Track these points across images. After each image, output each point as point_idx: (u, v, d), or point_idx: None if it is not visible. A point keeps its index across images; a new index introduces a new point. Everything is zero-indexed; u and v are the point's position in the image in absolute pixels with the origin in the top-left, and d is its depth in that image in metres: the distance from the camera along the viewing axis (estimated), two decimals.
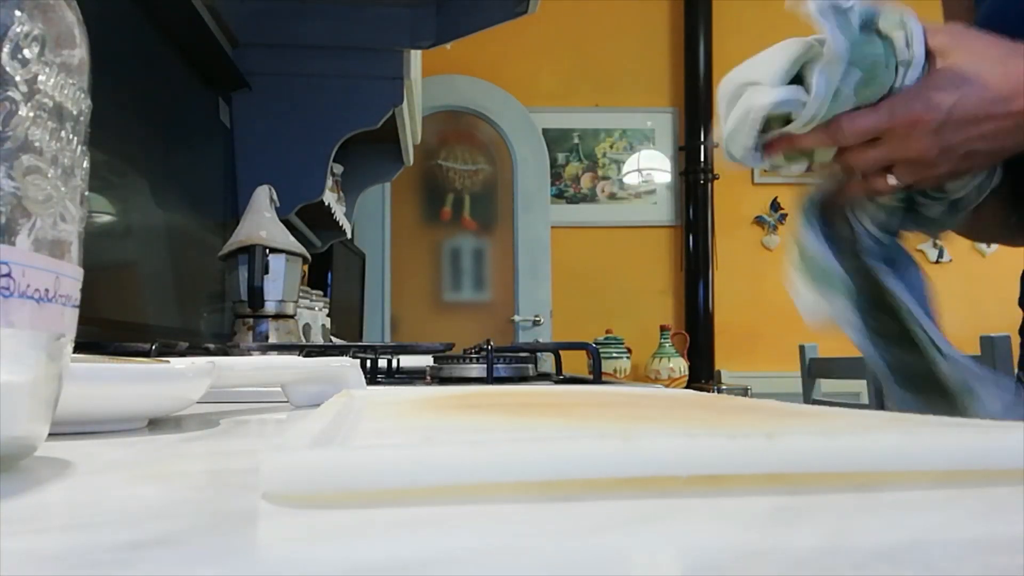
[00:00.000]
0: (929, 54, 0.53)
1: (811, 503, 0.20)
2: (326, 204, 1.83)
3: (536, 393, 0.52)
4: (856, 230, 0.59)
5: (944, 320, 0.57)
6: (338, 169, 2.08)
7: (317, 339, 1.69)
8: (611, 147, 3.80)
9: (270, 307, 1.27)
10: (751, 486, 0.21)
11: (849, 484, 0.21)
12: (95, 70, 0.28)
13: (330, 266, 2.32)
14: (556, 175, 3.75)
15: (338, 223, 2.10)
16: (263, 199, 1.31)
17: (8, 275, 0.23)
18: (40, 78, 0.24)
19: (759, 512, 0.19)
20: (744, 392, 3.20)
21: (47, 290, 0.24)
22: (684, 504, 0.19)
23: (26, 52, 0.24)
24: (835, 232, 0.59)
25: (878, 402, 1.89)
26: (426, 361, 1.07)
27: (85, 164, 0.27)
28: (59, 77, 0.25)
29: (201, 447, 0.35)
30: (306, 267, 1.73)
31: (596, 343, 2.33)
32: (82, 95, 0.27)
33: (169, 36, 1.33)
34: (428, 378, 1.00)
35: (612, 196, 3.78)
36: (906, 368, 0.57)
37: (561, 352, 1.19)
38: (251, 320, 1.27)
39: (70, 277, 0.26)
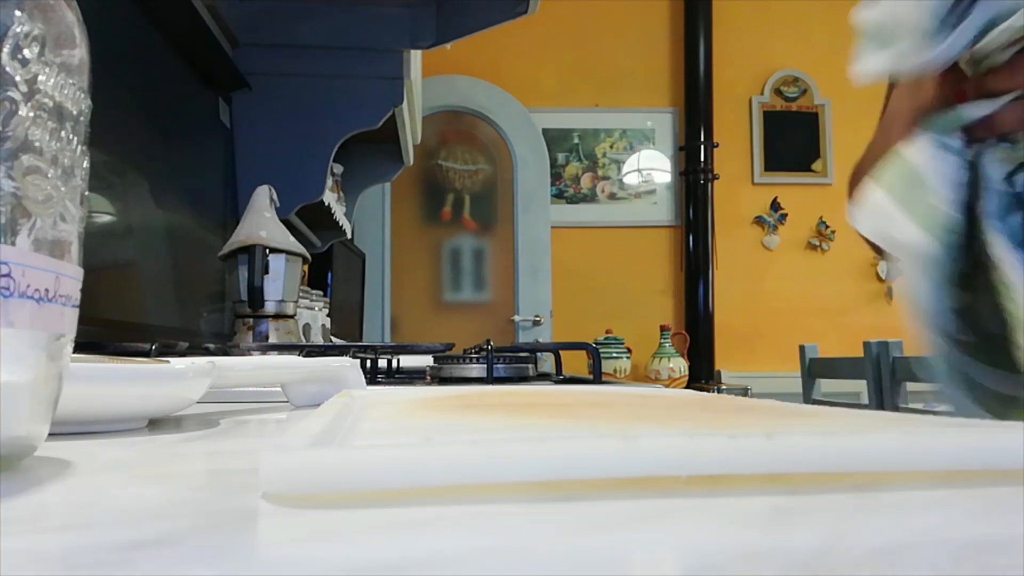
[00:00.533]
0: None
1: (811, 503, 0.20)
2: (326, 204, 1.83)
3: (536, 393, 0.52)
4: (985, 175, 0.47)
5: None
6: (338, 169, 2.08)
7: (317, 339, 1.69)
8: (611, 147, 3.80)
9: (270, 307, 1.27)
10: (751, 486, 0.21)
11: (849, 484, 0.21)
12: (95, 70, 0.28)
13: (330, 266, 2.32)
14: (556, 175, 3.75)
15: (338, 223, 2.10)
16: (263, 199, 1.31)
17: (8, 275, 0.23)
18: (40, 78, 0.24)
19: (759, 512, 0.19)
20: (744, 392, 3.20)
21: (47, 290, 0.24)
22: (684, 504, 0.19)
23: (26, 52, 0.24)
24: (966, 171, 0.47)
25: (878, 402, 1.89)
26: (426, 361, 1.07)
27: (85, 164, 0.27)
28: (59, 77, 0.25)
29: (201, 447, 0.35)
30: (306, 267, 1.73)
31: (596, 343, 2.33)
32: (82, 95, 0.27)
33: (169, 36, 1.33)
34: (428, 378, 1.00)
35: (612, 196, 3.78)
36: (980, 337, 0.47)
37: (561, 352, 1.19)
38: (251, 320, 1.27)
39: (70, 277, 0.26)
